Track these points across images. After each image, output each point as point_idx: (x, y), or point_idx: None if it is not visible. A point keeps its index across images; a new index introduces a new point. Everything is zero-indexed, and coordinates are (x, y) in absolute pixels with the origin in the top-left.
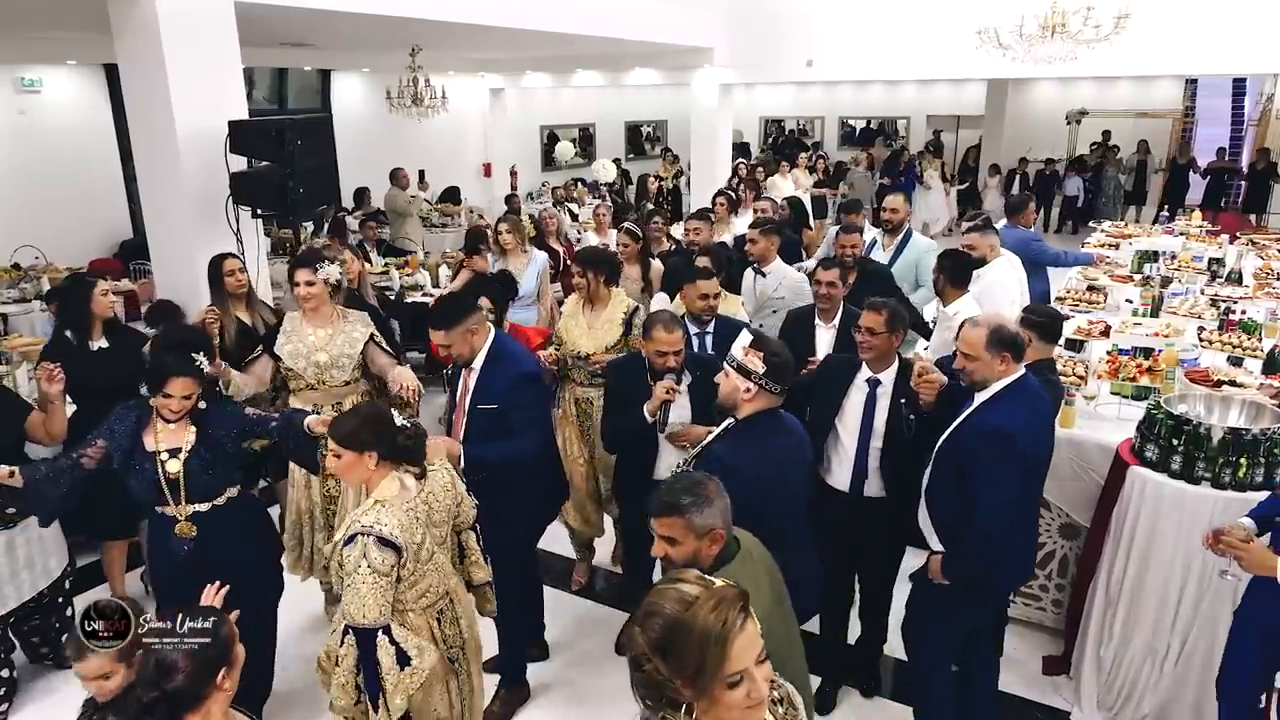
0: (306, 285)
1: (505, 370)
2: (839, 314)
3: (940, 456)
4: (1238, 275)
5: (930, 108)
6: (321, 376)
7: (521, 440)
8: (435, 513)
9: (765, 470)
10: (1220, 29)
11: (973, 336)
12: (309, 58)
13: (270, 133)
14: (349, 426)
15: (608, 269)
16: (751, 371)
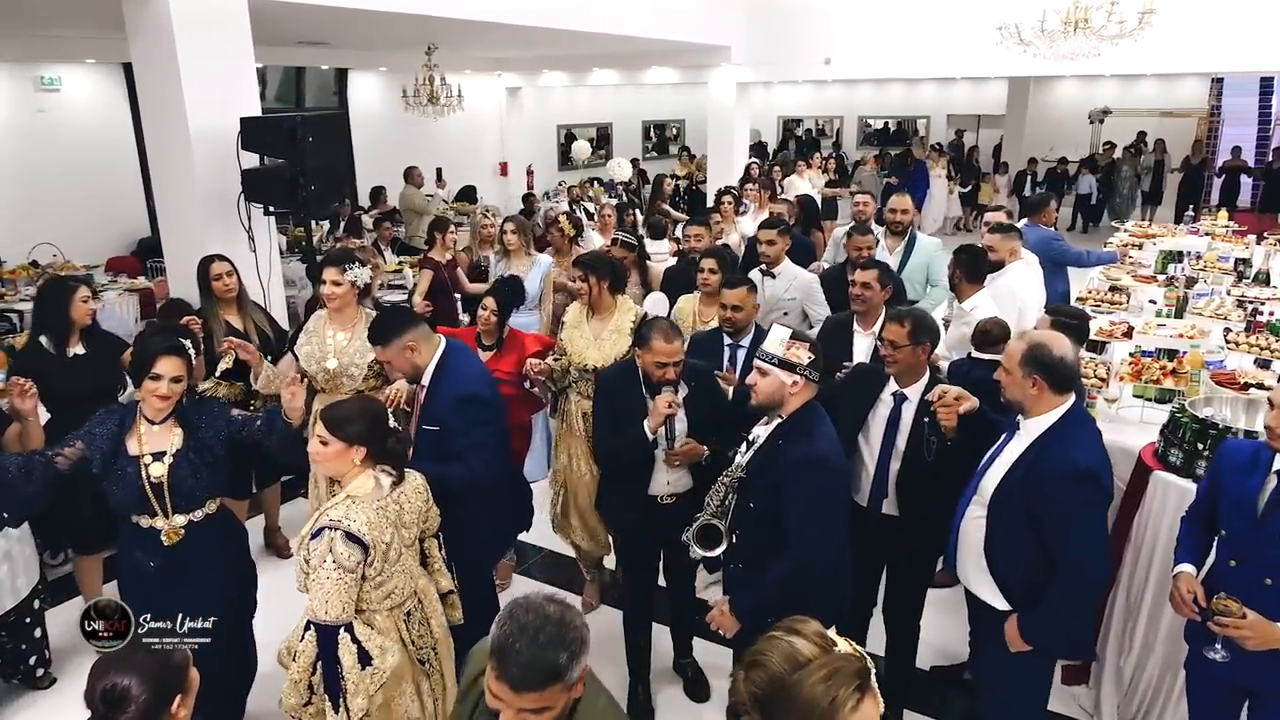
0: (333, 285)
1: (445, 391)
2: (880, 319)
3: (1001, 506)
4: (1265, 276)
5: (950, 107)
6: (331, 382)
7: (455, 466)
8: (406, 514)
9: (841, 459)
10: (1247, 26)
11: (1012, 348)
12: (326, 56)
13: (281, 129)
14: (344, 414)
15: (611, 274)
16: (796, 364)
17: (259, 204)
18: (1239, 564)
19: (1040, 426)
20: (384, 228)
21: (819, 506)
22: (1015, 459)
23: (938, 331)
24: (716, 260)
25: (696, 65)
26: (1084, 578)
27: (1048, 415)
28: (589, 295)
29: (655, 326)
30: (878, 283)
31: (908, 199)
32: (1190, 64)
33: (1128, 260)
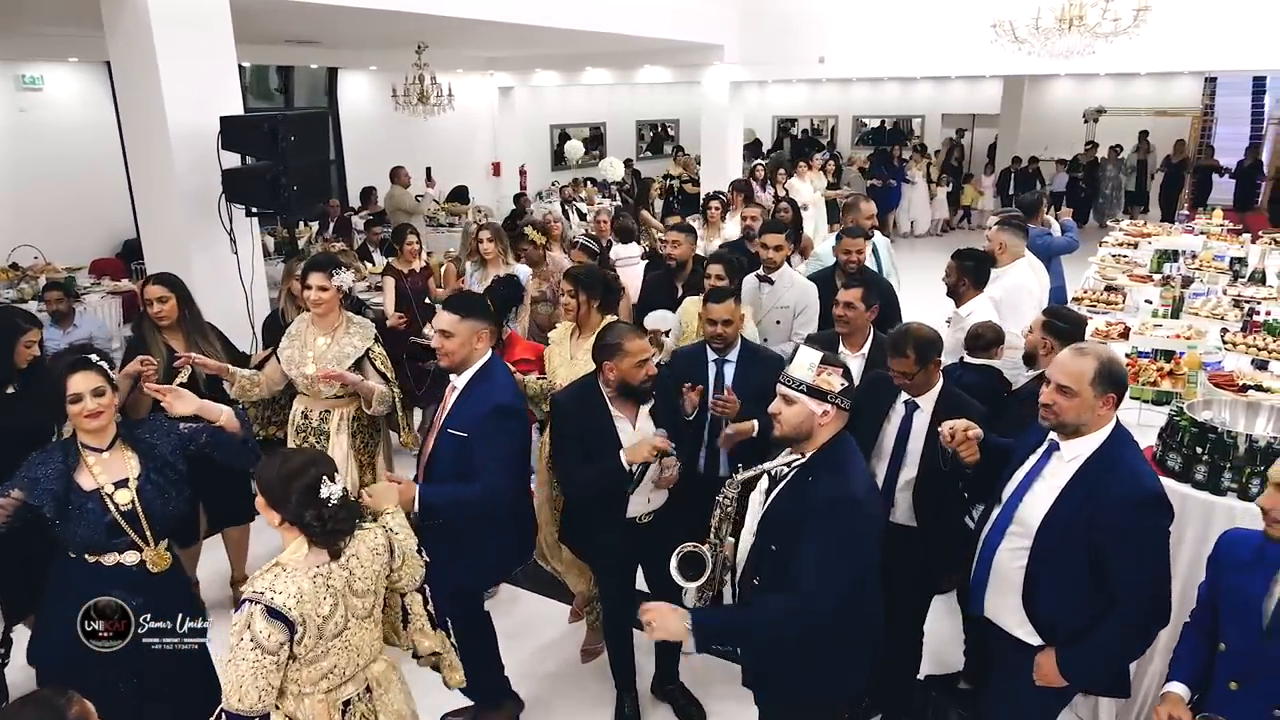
0: (319, 290)
1: (485, 396)
2: (868, 340)
3: (1053, 536)
4: (1261, 275)
5: (945, 106)
6: (310, 388)
7: (477, 485)
8: (358, 580)
9: (876, 503)
10: (1241, 25)
11: (1076, 366)
12: (315, 55)
13: (263, 129)
14: (267, 474)
15: (602, 291)
16: (828, 392)
17: (240, 205)
18: (1240, 686)
19: (1088, 447)
20: (373, 230)
21: (843, 549)
22: (1065, 484)
23: (940, 342)
24: (724, 266)
25: (690, 64)
26: (1149, 613)
27: (1095, 435)
28: (575, 312)
29: (618, 331)
30: (862, 302)
31: (873, 204)
32: (1184, 63)
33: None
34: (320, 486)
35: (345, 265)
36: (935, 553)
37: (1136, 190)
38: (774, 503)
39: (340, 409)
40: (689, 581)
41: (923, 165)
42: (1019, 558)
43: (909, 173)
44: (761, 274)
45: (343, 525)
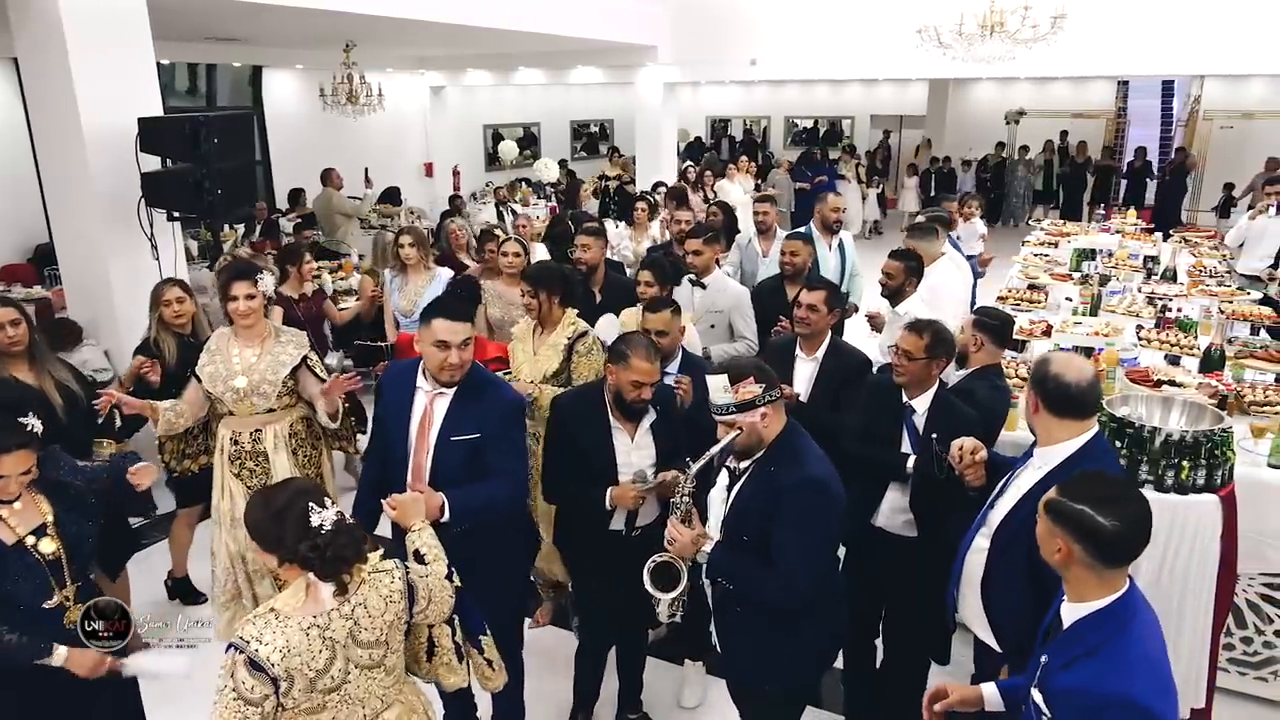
0: (247, 300)
1: (493, 396)
2: (825, 344)
3: (1005, 540)
4: (1172, 273)
5: (874, 107)
6: (241, 404)
7: (506, 480)
8: (364, 630)
9: (838, 482)
10: (1150, 32)
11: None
12: (238, 53)
13: (184, 130)
14: (254, 516)
15: (563, 288)
16: (755, 400)
17: (161, 209)
18: None
19: (1056, 457)
20: (303, 233)
21: (814, 525)
22: (1026, 490)
23: (955, 347)
24: (654, 271)
25: (623, 65)
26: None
27: (1065, 445)
28: (538, 311)
29: (634, 343)
30: (825, 305)
31: (841, 199)
32: (1098, 67)
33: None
34: (310, 515)
35: (261, 269)
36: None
37: (1044, 189)
38: (739, 497)
39: (273, 425)
40: (662, 592)
41: (851, 166)
42: (981, 561)
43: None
44: (694, 279)
45: (345, 551)
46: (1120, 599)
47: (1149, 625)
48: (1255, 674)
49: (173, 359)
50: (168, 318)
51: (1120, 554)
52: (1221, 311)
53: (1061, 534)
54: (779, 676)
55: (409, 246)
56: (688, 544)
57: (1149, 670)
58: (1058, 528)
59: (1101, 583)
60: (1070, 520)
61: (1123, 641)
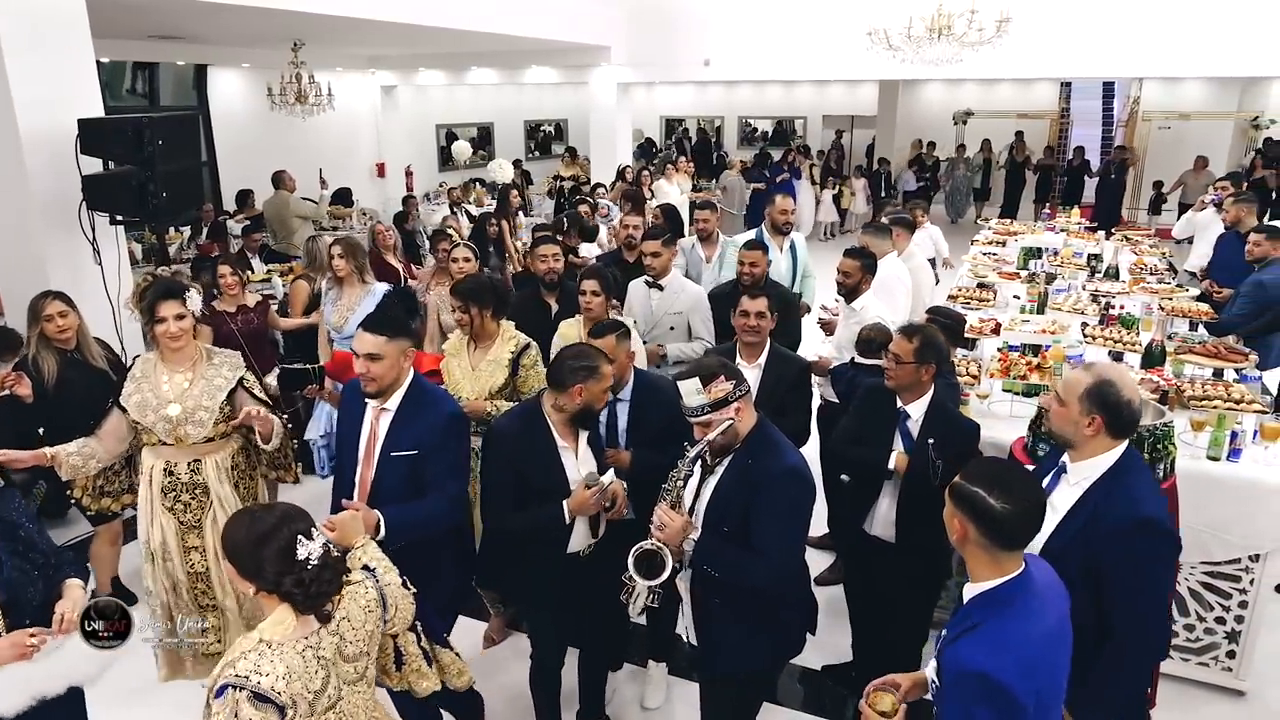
0: (177, 320)
1: (431, 410)
2: (765, 353)
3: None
4: (1114, 271)
5: (826, 108)
6: (175, 433)
7: (441, 497)
8: (349, 645)
9: (809, 470)
10: (1091, 35)
11: (1072, 379)
12: (182, 51)
13: (126, 132)
14: (235, 538)
15: (495, 301)
16: (728, 397)
17: (104, 212)
18: None
19: (1094, 471)
20: (251, 236)
21: (795, 512)
22: (1069, 508)
23: (945, 353)
24: (599, 281)
25: (577, 65)
26: (1148, 642)
27: (1101, 459)
28: (471, 326)
29: (589, 354)
30: (769, 310)
31: (790, 200)
32: (1042, 69)
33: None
34: (297, 547)
35: (187, 286)
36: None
37: (982, 187)
38: (718, 488)
39: (213, 455)
40: (646, 579)
41: (805, 166)
42: None
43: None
44: (650, 280)
45: (328, 588)
46: (1008, 582)
47: (1036, 610)
48: (1197, 660)
49: (52, 378)
50: (50, 333)
51: (1009, 537)
52: (1161, 308)
53: (959, 514)
54: (757, 661)
55: (339, 258)
56: (677, 530)
57: (1017, 651)
58: (956, 508)
59: (994, 564)
60: (965, 501)
61: (999, 622)
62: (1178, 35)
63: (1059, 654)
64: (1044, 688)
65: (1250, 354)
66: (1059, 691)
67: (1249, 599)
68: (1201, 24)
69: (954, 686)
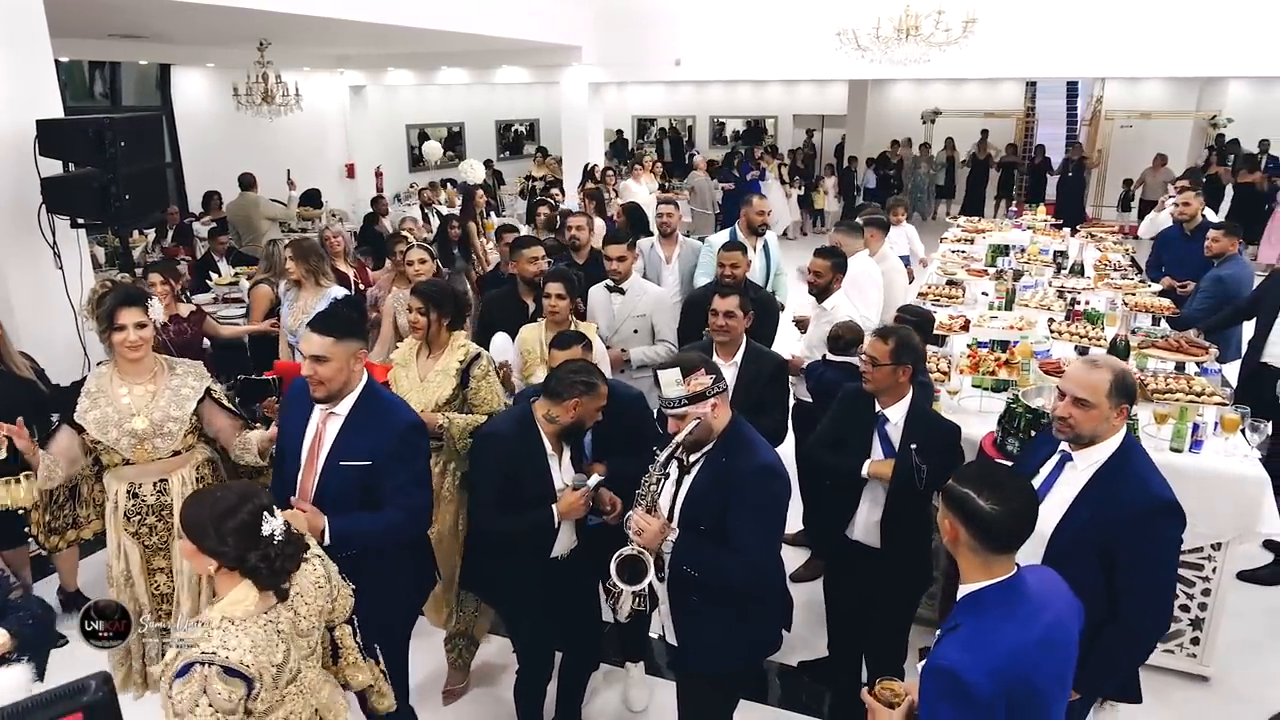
0: (137, 329)
1: (387, 419)
2: (741, 350)
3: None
4: (1080, 267)
5: (797, 107)
6: (140, 449)
7: (401, 510)
8: (303, 619)
9: (784, 467)
10: (1054, 36)
11: (1093, 379)
12: (144, 51)
13: (87, 134)
14: (195, 516)
15: (452, 309)
16: (706, 392)
17: (64, 215)
18: None
19: (1102, 454)
20: (218, 239)
21: (773, 511)
22: (1078, 492)
23: (921, 354)
24: (563, 284)
25: (548, 65)
26: (1154, 620)
27: (1109, 442)
28: (425, 330)
29: (587, 370)
30: (740, 310)
31: (766, 200)
32: (1007, 69)
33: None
34: (262, 523)
35: (150, 293)
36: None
37: (945, 185)
38: (693, 488)
39: (178, 471)
40: (629, 585)
41: (774, 166)
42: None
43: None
44: (611, 284)
45: (290, 564)
46: (993, 586)
47: (1021, 616)
48: (1163, 646)
49: None
50: None
51: (999, 539)
52: (1125, 304)
53: (950, 515)
54: (736, 659)
55: (290, 260)
56: (655, 534)
57: (988, 652)
58: (947, 509)
59: (984, 567)
60: (955, 502)
61: (978, 623)
62: (1138, 36)
63: (1046, 662)
64: (1017, 694)
65: (1211, 348)
66: (1043, 701)
67: (1212, 587)
68: (1161, 26)
69: (926, 681)
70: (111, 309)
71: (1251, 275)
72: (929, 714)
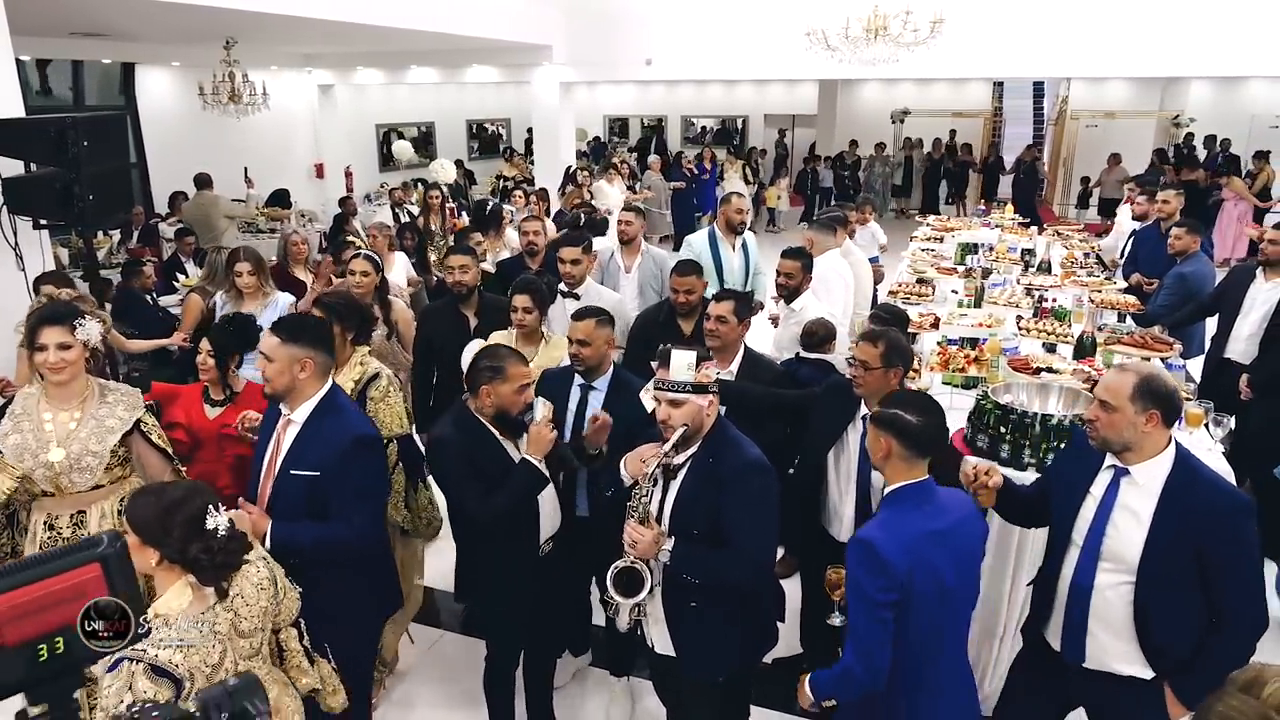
0: (59, 350)
1: (336, 431)
2: (738, 357)
3: (1160, 566)
4: (1047, 265)
5: (767, 107)
6: (56, 482)
7: (342, 524)
8: (244, 620)
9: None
10: (1022, 36)
11: (1116, 382)
12: (107, 49)
13: (49, 133)
14: (142, 511)
15: (356, 322)
16: (709, 387)
17: (26, 216)
18: None
19: (1161, 469)
20: (185, 240)
21: (765, 505)
22: (1155, 510)
23: (910, 355)
24: (530, 296)
25: (518, 64)
26: (1258, 620)
27: (1164, 455)
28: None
29: (496, 354)
30: (734, 315)
31: (746, 199)
32: (974, 69)
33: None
34: (206, 518)
35: (85, 313)
36: None
37: (902, 184)
38: (681, 491)
39: (99, 503)
40: (625, 597)
41: (737, 167)
42: (1124, 594)
43: (725, 176)
44: (565, 289)
45: (233, 559)
46: (910, 485)
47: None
48: None
49: None
50: None
51: (924, 445)
52: (1092, 301)
53: (884, 434)
54: (739, 658)
55: (247, 275)
56: (650, 544)
57: (900, 531)
58: (880, 430)
59: (907, 469)
60: (888, 422)
61: (895, 510)
62: (1102, 37)
63: (946, 550)
64: (920, 573)
65: (1175, 343)
66: (942, 588)
67: None
68: (1124, 26)
69: (849, 553)
70: (34, 326)
71: (1214, 272)
72: (851, 583)
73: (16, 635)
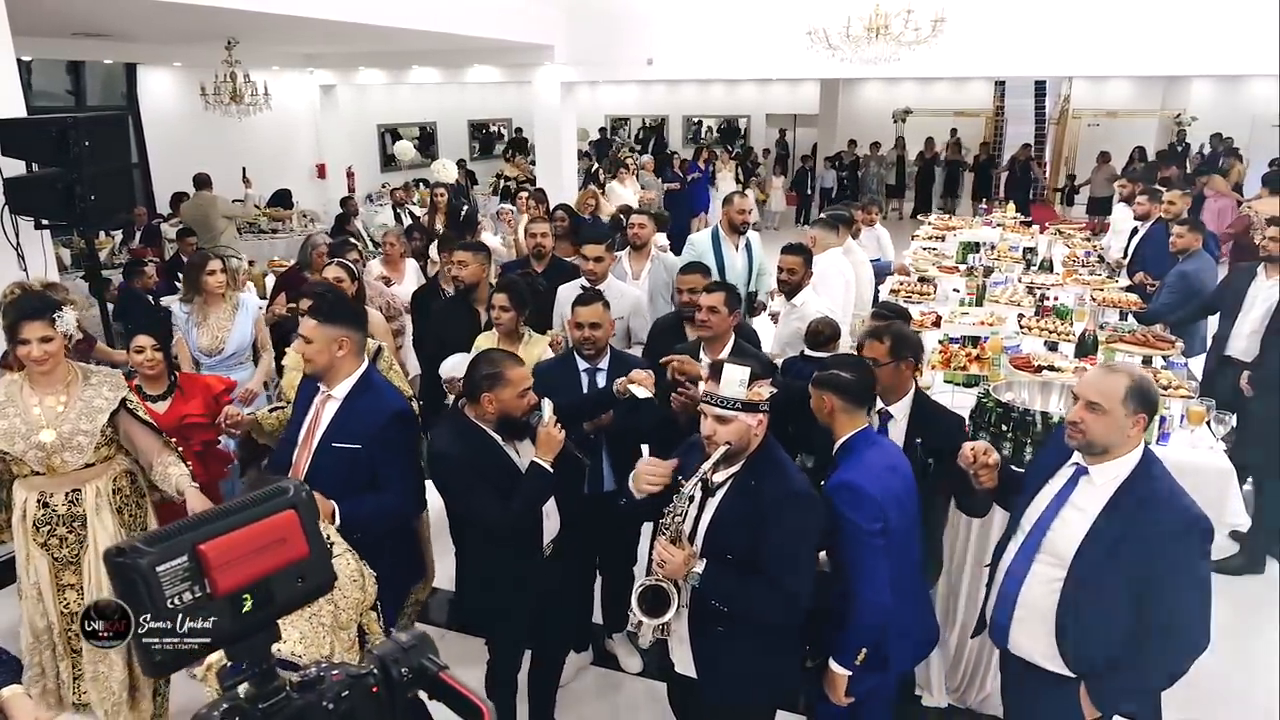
0: (41, 343)
1: (376, 406)
2: (729, 346)
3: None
4: (1049, 264)
5: (769, 106)
6: (48, 461)
7: (393, 494)
8: (343, 613)
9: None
10: (1024, 34)
11: (1108, 383)
12: (109, 50)
13: (50, 133)
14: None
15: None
16: (760, 406)
17: (28, 217)
18: None
19: (1121, 471)
20: (186, 240)
21: (805, 538)
22: (1100, 511)
23: (920, 346)
24: (509, 296)
25: (520, 64)
26: (1193, 643)
27: (1130, 456)
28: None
29: (494, 360)
30: (725, 305)
31: (749, 199)
32: (976, 68)
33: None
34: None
35: (65, 303)
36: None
37: (896, 183)
38: (719, 512)
39: (93, 482)
40: (651, 617)
41: (730, 166)
42: (1052, 588)
43: (717, 176)
44: (586, 285)
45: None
46: (858, 433)
47: (879, 452)
48: None
49: None
50: None
51: (859, 397)
52: (1093, 299)
53: (825, 393)
54: (767, 688)
55: (220, 272)
56: (679, 565)
57: (870, 469)
58: (822, 390)
59: (850, 421)
60: (828, 383)
61: (855, 456)
62: (1104, 36)
63: (901, 485)
64: (889, 503)
65: (1177, 342)
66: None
67: None
68: (1126, 25)
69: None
70: (14, 321)
71: (1215, 270)
72: (843, 528)
73: (229, 583)
